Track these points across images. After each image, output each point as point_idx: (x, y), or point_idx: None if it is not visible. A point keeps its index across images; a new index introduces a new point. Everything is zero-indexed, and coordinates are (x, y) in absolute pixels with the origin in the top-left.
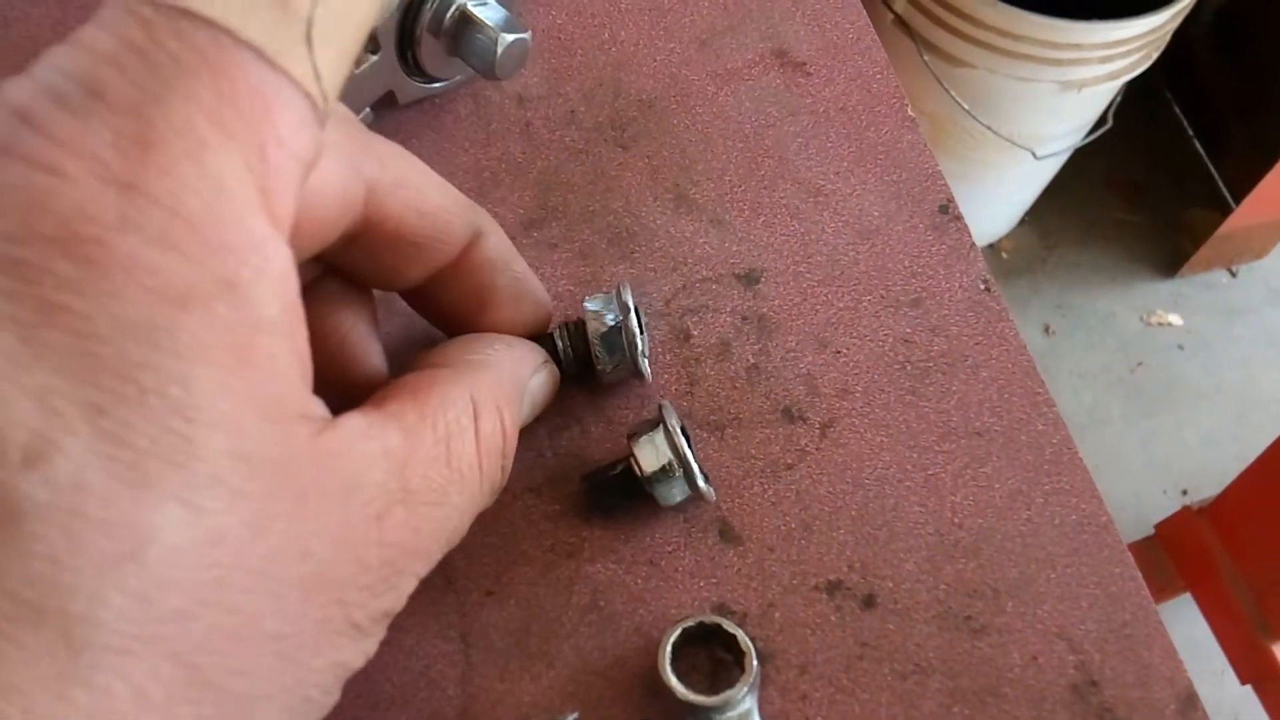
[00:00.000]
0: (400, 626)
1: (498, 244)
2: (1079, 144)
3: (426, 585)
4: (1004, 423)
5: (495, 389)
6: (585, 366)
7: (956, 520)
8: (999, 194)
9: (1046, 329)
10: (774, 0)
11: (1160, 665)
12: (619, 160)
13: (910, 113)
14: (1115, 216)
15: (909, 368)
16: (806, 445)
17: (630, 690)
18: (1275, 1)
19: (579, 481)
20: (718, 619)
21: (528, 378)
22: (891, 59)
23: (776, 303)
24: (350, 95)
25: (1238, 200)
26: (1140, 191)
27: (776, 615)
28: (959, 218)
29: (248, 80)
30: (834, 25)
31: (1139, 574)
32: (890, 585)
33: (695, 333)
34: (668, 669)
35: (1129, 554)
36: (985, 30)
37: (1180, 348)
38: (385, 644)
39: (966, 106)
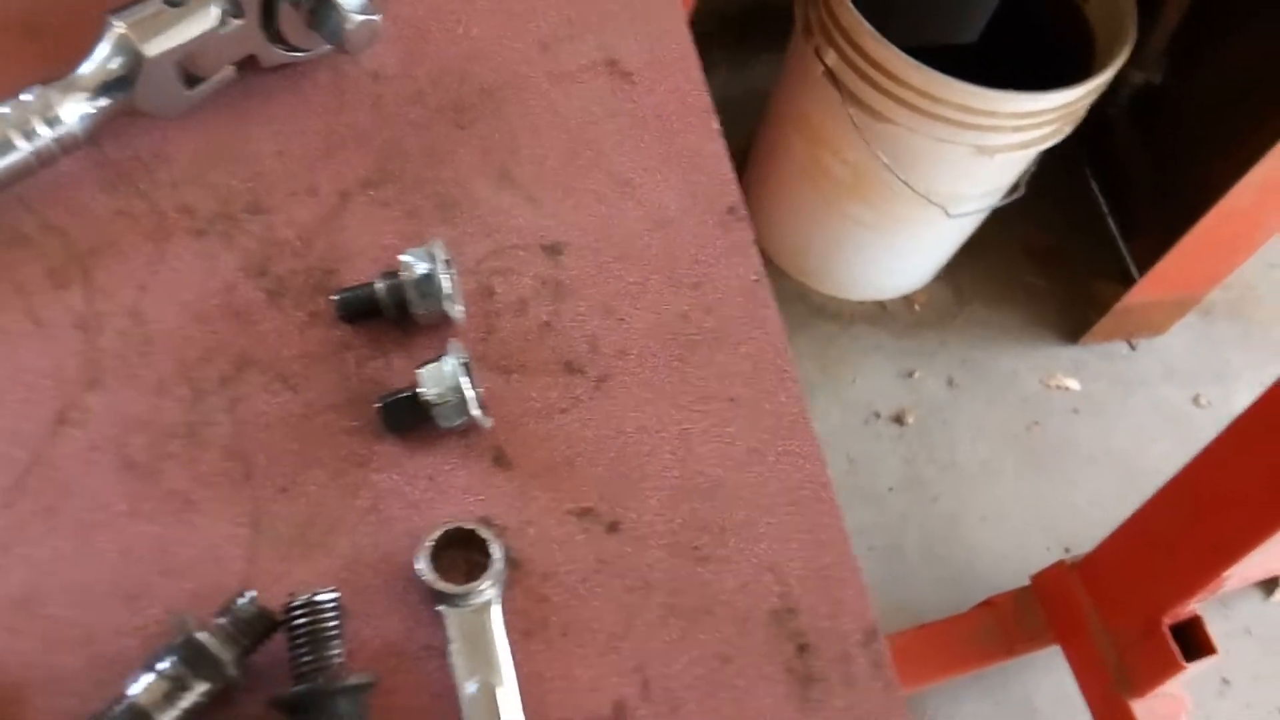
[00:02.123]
0: (197, 509)
1: None
2: (990, 207)
3: (226, 475)
4: (753, 392)
5: None
6: (402, 310)
7: (699, 469)
8: (914, 248)
9: (950, 381)
10: (613, 17)
11: (851, 603)
12: (455, 138)
13: (715, 126)
14: (1026, 280)
15: (681, 339)
16: (581, 395)
17: (394, 581)
18: (1190, 87)
19: (375, 403)
20: (474, 525)
21: None
22: (819, 109)
23: (574, 273)
24: (213, 54)
25: (1143, 276)
26: (1052, 259)
27: (531, 531)
28: (744, 219)
29: None
30: (661, 43)
31: (844, 526)
32: (634, 516)
33: (499, 290)
34: (424, 560)
35: (839, 510)
36: (907, 90)
37: (1075, 411)
38: (180, 522)
39: (886, 160)
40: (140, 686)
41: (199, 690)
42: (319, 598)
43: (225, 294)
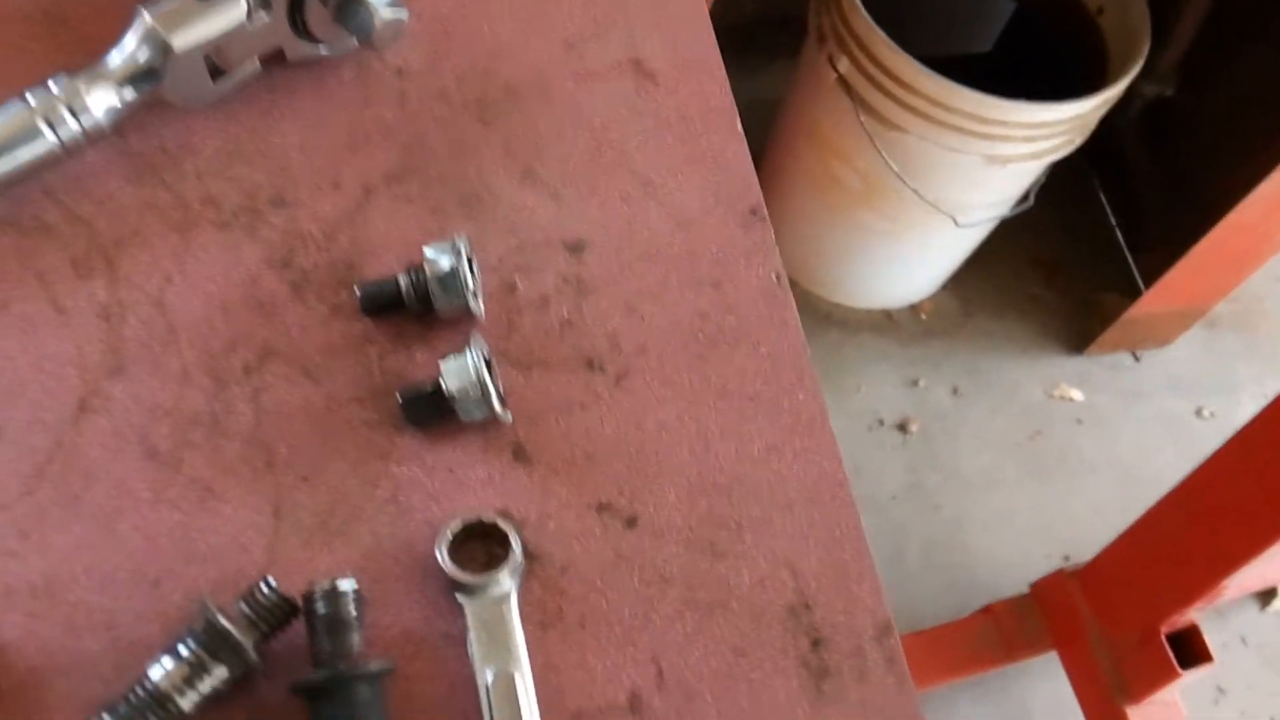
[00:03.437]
0: (221, 496)
1: None
2: (999, 217)
3: (247, 464)
4: (772, 390)
5: None
6: (425, 304)
7: (718, 465)
8: (922, 257)
9: (955, 390)
10: (637, 16)
11: (866, 599)
12: (479, 135)
13: (738, 127)
14: (1032, 292)
15: (701, 337)
16: (601, 391)
17: (413, 570)
18: (1202, 101)
19: (397, 397)
20: (494, 517)
21: None
22: (831, 117)
23: (596, 270)
24: (240, 47)
25: (1150, 288)
26: (1058, 270)
27: (550, 525)
28: (765, 219)
29: None
30: (687, 45)
31: (861, 524)
32: (651, 511)
33: (521, 287)
34: (443, 549)
35: (855, 507)
36: (919, 98)
37: (1079, 422)
38: (204, 510)
39: (896, 169)
40: (160, 671)
41: (218, 675)
42: (340, 585)
43: (249, 286)
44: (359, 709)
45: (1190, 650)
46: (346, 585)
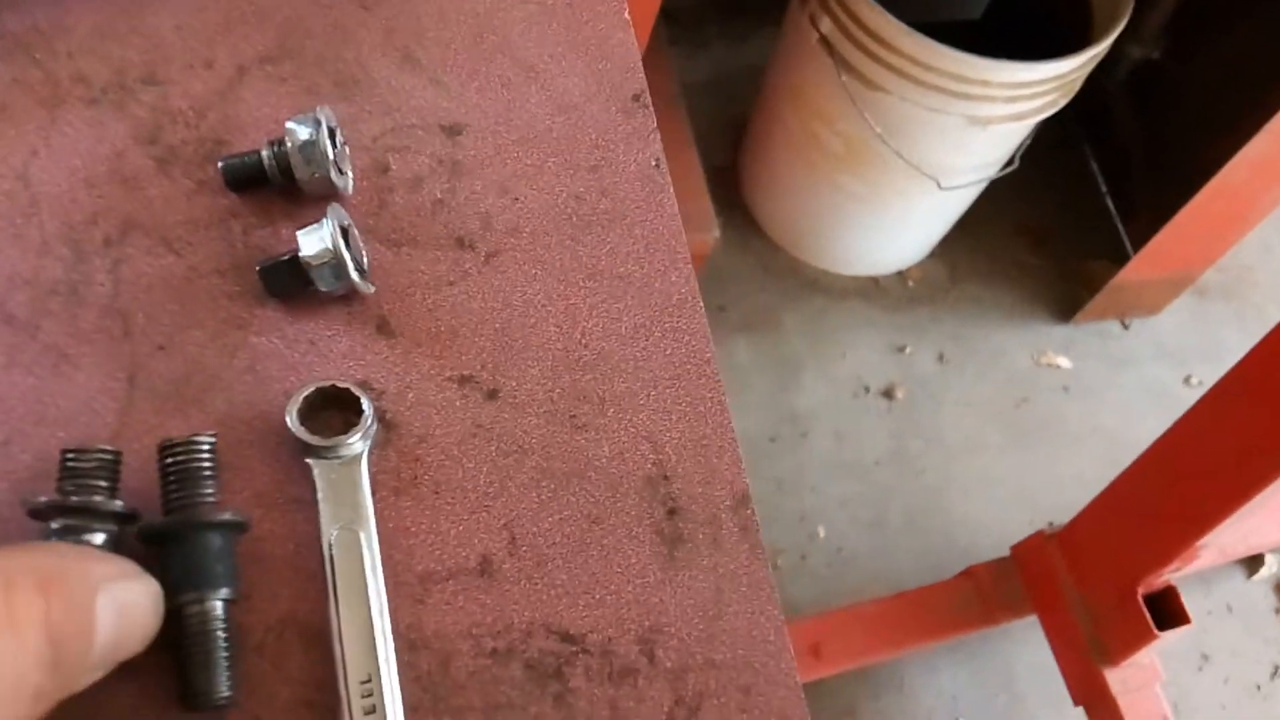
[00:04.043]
0: (75, 363)
1: None
2: (984, 180)
3: (103, 333)
4: (645, 270)
5: (37, 568)
6: (289, 177)
7: (584, 342)
8: (907, 222)
9: (941, 356)
10: None
11: (725, 470)
12: (359, 19)
13: (625, 15)
14: (1019, 258)
15: (575, 219)
16: (470, 269)
17: (267, 436)
18: (1189, 64)
19: (256, 267)
20: (347, 384)
21: (98, 577)
22: (813, 80)
23: (472, 153)
24: None
25: (1137, 254)
26: (1046, 237)
27: (410, 395)
28: (648, 106)
29: None
30: None
31: (725, 401)
32: (513, 384)
33: (394, 167)
34: (293, 413)
35: (721, 385)
36: (900, 58)
37: (1065, 389)
38: (57, 375)
39: (878, 130)
40: None
41: (99, 543)
42: (194, 438)
43: (114, 160)
44: (208, 556)
45: (1168, 612)
46: (201, 437)
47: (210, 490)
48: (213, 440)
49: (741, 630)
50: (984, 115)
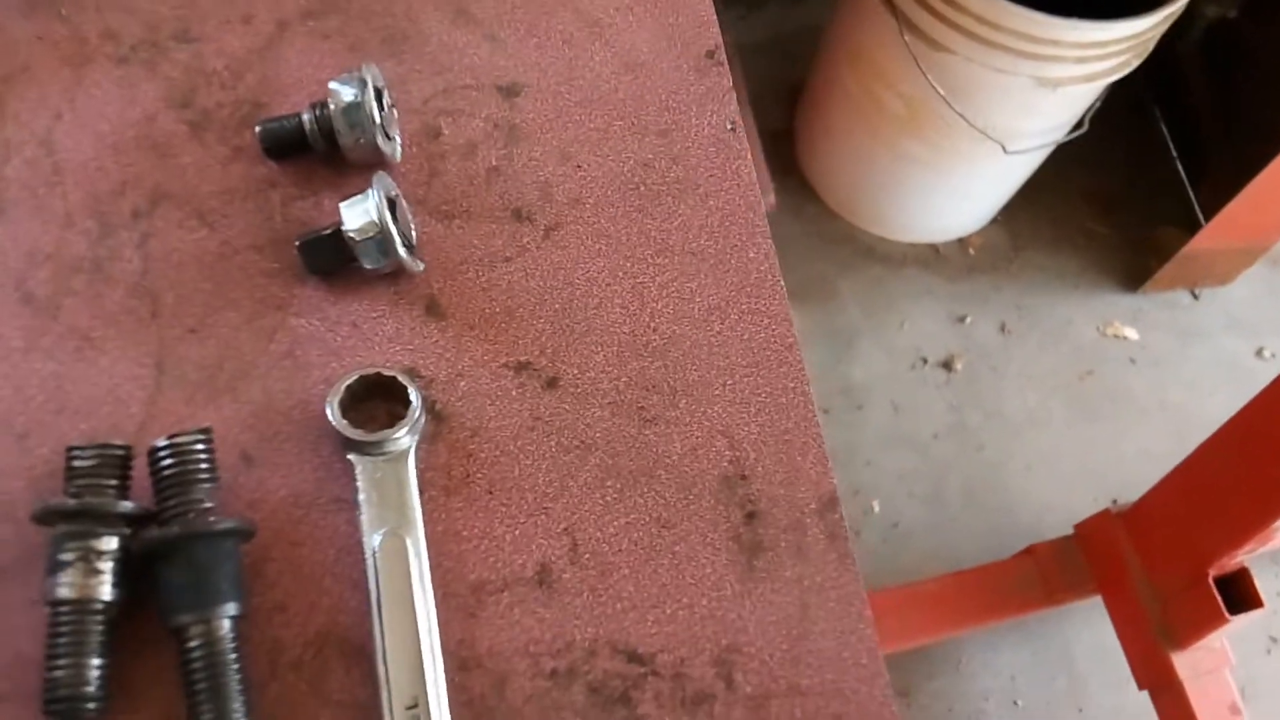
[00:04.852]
0: (98, 347)
1: None
2: (1051, 144)
3: (130, 314)
4: (719, 246)
5: None
6: (331, 142)
7: (653, 325)
8: (969, 187)
9: (1003, 327)
10: None
11: (810, 470)
12: None
13: None
14: (1086, 226)
15: (643, 189)
16: (528, 243)
17: (306, 428)
18: (1266, 23)
19: (295, 242)
20: (393, 372)
21: None
22: (874, 40)
23: (531, 115)
24: None
25: (1209, 222)
26: (1114, 204)
27: (462, 384)
28: (723, 64)
29: None
30: None
31: (810, 391)
32: (575, 372)
33: (446, 132)
34: (334, 404)
35: (805, 372)
36: (966, 16)
37: (1132, 361)
38: (79, 360)
39: (942, 92)
40: (63, 586)
41: (109, 545)
42: (179, 439)
43: (144, 125)
44: (206, 571)
45: (1239, 595)
46: (190, 436)
47: (199, 497)
48: (201, 436)
49: (830, 651)
50: (1053, 76)
